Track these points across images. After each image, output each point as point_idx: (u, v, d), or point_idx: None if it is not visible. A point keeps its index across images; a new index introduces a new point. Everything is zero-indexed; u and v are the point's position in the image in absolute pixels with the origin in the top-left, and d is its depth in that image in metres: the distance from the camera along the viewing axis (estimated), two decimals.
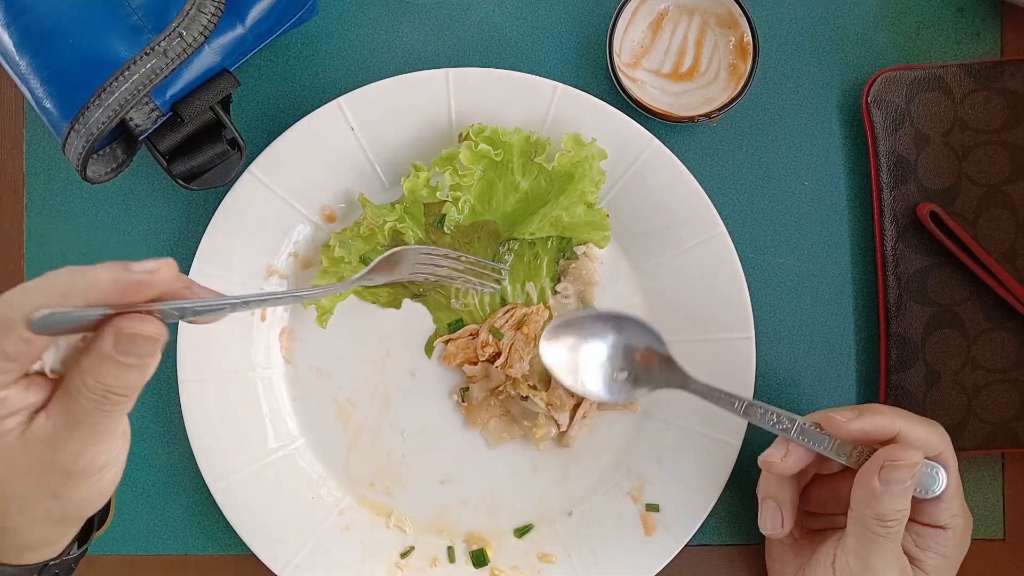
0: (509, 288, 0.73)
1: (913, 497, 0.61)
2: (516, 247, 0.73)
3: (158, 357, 0.47)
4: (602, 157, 0.69)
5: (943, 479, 0.62)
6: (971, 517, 0.66)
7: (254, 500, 0.72)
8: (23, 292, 0.45)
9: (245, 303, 0.51)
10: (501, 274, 0.72)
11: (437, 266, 0.69)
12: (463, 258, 0.69)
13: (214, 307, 0.49)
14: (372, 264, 0.67)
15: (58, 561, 0.53)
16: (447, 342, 0.74)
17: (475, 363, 0.73)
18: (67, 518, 0.51)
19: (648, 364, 0.69)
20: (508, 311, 0.73)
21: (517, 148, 0.69)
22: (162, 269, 0.46)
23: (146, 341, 0.46)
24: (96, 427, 0.48)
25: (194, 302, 0.48)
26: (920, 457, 0.61)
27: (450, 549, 0.74)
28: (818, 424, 0.64)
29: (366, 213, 0.70)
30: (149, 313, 0.46)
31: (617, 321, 0.69)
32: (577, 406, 0.73)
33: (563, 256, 0.73)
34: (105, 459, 0.49)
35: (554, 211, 0.70)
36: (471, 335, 0.73)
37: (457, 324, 0.73)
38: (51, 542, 0.52)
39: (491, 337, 0.72)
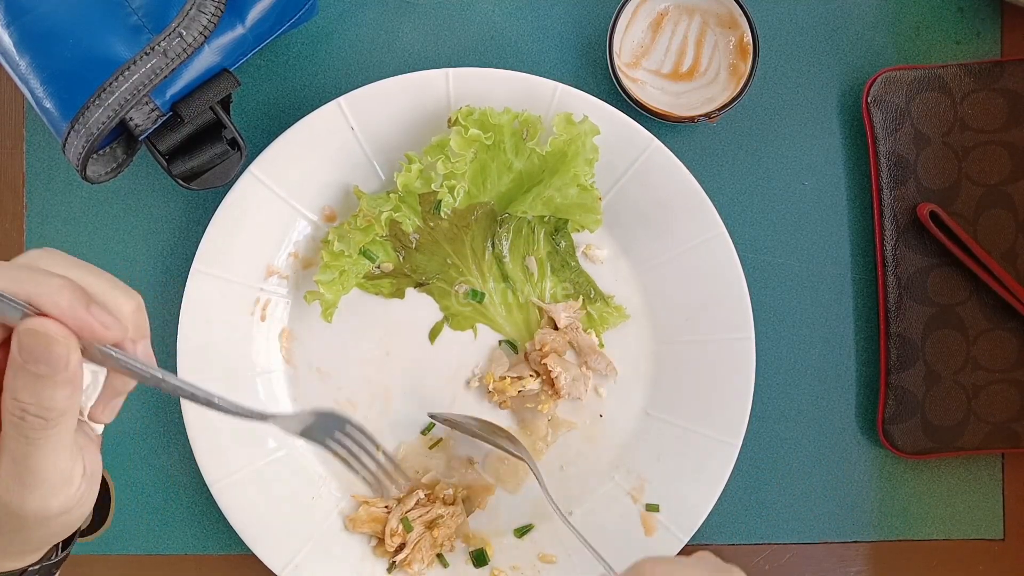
0: (510, 264, 0.73)
1: None
2: (513, 224, 0.73)
3: (73, 371, 0.42)
4: (595, 133, 0.69)
5: None
6: None
7: (254, 500, 0.72)
8: None
9: (167, 382, 0.46)
10: (400, 485, 0.67)
11: (353, 446, 0.58)
12: (380, 453, 0.59)
13: (136, 371, 0.45)
14: (294, 414, 0.54)
15: (38, 567, 0.50)
16: (362, 504, 0.73)
17: (380, 539, 0.73)
18: (34, 545, 0.48)
19: None
20: (424, 502, 0.72)
21: (507, 129, 0.69)
22: (117, 331, 0.43)
23: (52, 343, 0.41)
24: (26, 461, 0.43)
25: (121, 357, 0.45)
26: None
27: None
28: None
29: (362, 205, 0.70)
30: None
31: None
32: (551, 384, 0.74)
33: (558, 232, 0.73)
34: (60, 506, 0.45)
35: (547, 191, 0.70)
36: (386, 508, 0.73)
37: (510, 345, 0.75)
38: (24, 557, 0.49)
39: (400, 527, 0.72)
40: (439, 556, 0.73)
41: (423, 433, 0.74)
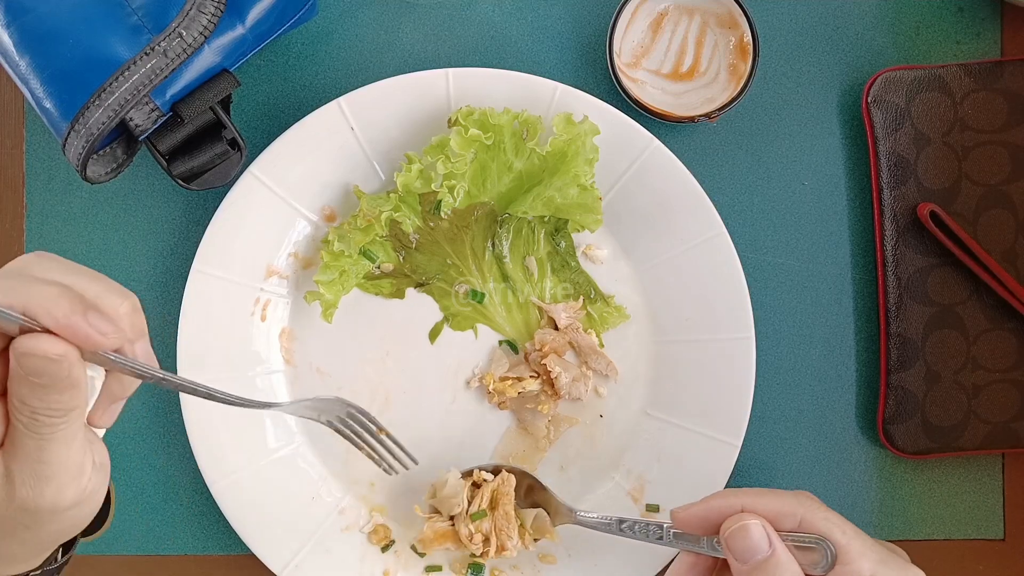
0: (510, 264, 0.73)
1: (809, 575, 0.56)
2: (513, 224, 0.73)
3: (76, 378, 0.43)
4: (595, 133, 0.69)
5: (830, 548, 0.55)
6: (902, 558, 0.58)
7: (254, 500, 0.72)
8: None
9: (168, 380, 0.48)
10: (407, 466, 0.66)
11: (358, 428, 0.61)
12: (384, 434, 0.63)
13: (137, 372, 0.46)
14: (298, 401, 0.58)
15: (40, 572, 0.51)
16: (426, 522, 0.71)
17: (456, 545, 0.71)
18: (43, 545, 0.49)
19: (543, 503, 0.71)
20: (475, 490, 0.71)
21: (507, 129, 0.69)
22: (114, 337, 0.43)
23: (48, 362, 0.42)
24: (40, 455, 0.44)
25: (121, 360, 0.45)
26: (757, 520, 0.56)
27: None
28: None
29: (362, 205, 0.70)
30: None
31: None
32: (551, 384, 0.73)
33: (558, 232, 0.73)
34: (73, 496, 0.45)
35: (547, 191, 0.70)
36: (449, 520, 0.71)
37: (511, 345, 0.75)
38: (29, 560, 0.49)
39: (472, 528, 0.70)
40: (428, 569, 0.73)
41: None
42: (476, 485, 0.72)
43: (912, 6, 0.75)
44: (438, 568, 0.73)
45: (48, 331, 0.42)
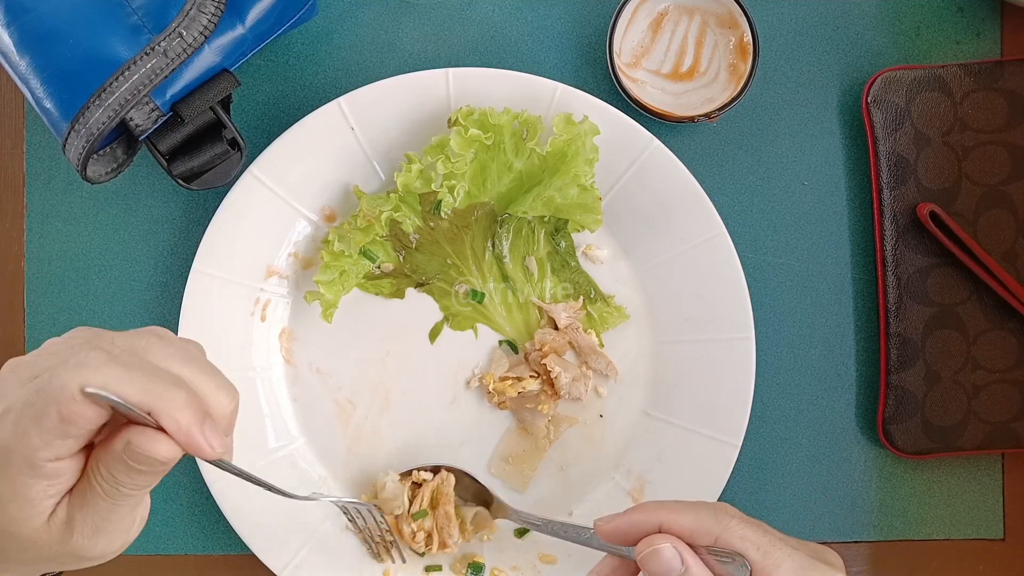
0: (510, 264, 0.73)
1: None
2: (513, 224, 0.73)
3: (170, 468, 0.46)
4: (595, 133, 0.69)
5: (745, 566, 0.55)
6: (828, 564, 0.57)
7: (254, 500, 0.72)
8: (93, 362, 0.43)
9: (244, 473, 0.52)
10: (394, 561, 0.73)
11: (368, 518, 0.71)
12: (386, 532, 0.72)
13: (218, 467, 0.49)
14: (338, 498, 0.70)
15: None
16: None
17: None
18: (48, 569, 0.51)
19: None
20: (416, 488, 0.72)
21: (507, 129, 0.69)
22: (221, 449, 0.45)
23: (155, 461, 0.45)
24: (108, 515, 0.47)
25: (222, 464, 0.49)
26: (667, 543, 0.55)
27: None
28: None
29: (362, 205, 0.70)
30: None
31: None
32: (551, 384, 0.73)
33: (558, 232, 0.73)
34: (118, 548, 0.49)
35: (547, 191, 0.70)
36: (396, 518, 0.72)
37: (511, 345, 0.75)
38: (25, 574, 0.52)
39: (414, 527, 0.71)
40: (428, 569, 0.73)
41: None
42: (417, 484, 0.73)
43: (912, 6, 0.75)
44: (438, 568, 0.73)
45: (161, 428, 0.44)
